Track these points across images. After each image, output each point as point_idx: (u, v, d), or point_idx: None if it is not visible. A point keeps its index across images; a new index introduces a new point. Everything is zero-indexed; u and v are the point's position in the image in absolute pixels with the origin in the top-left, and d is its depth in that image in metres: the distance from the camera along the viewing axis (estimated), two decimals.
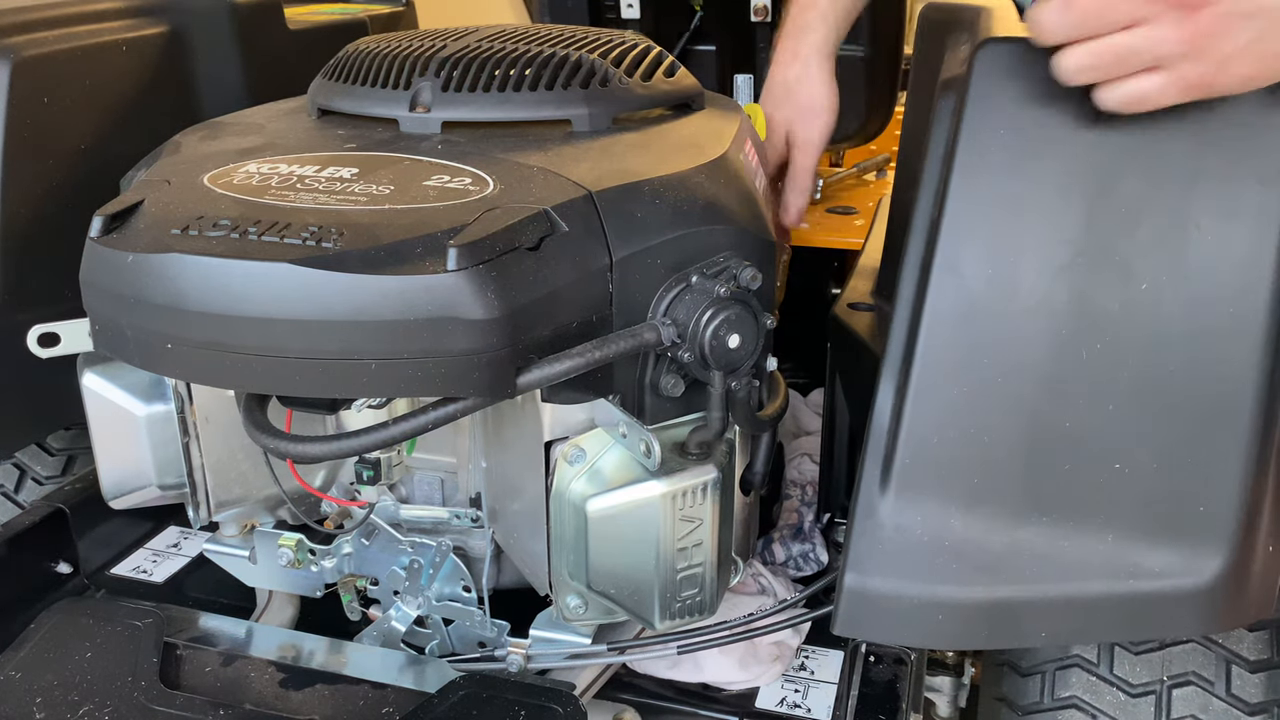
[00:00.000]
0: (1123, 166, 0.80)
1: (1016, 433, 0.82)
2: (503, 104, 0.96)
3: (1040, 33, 0.73)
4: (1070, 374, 0.81)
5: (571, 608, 0.97)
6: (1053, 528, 0.83)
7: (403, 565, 1.07)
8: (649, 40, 1.08)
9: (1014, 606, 0.84)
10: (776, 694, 1.05)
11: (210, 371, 0.79)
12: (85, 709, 0.90)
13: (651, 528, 0.90)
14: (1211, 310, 0.80)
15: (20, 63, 1.11)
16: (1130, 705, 1.05)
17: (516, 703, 0.90)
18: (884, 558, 0.84)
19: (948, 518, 0.83)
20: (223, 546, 1.14)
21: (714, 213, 0.89)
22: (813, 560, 1.21)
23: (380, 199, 0.82)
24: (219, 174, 0.88)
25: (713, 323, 0.85)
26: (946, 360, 0.82)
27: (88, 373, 1.03)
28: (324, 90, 1.05)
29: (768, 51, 1.94)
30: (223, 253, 0.75)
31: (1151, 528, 0.83)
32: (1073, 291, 0.80)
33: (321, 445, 0.83)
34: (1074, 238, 0.80)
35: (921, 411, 0.83)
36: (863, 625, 0.86)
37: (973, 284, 0.81)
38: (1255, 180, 0.79)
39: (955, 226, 0.81)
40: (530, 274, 0.78)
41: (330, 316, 0.74)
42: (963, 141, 0.81)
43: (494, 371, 0.77)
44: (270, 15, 1.48)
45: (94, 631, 0.99)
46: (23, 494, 1.44)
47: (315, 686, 0.95)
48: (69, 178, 1.18)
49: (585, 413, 0.94)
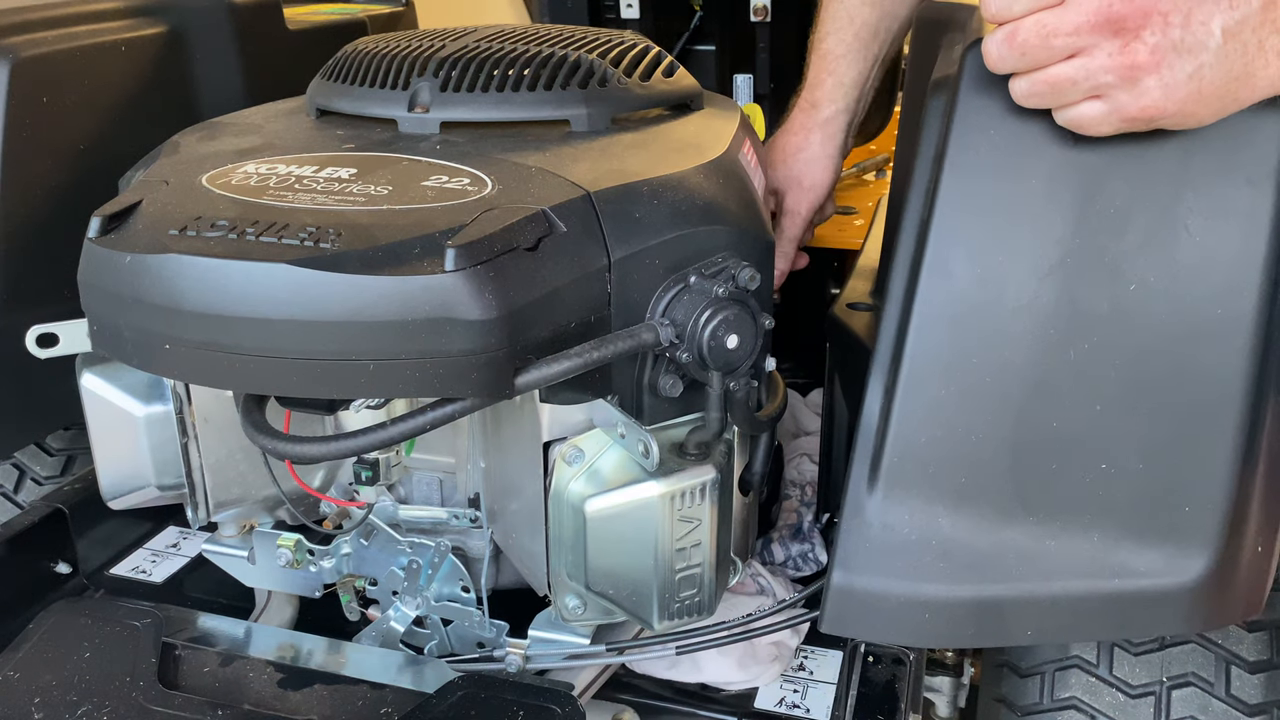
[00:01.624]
0: (1112, 168, 0.80)
1: (1004, 432, 0.82)
2: (501, 104, 0.96)
3: (988, 64, 0.76)
4: (1058, 374, 0.81)
5: (570, 608, 0.97)
6: (1039, 527, 0.83)
7: (401, 565, 1.07)
8: (648, 40, 1.08)
9: (1000, 605, 0.84)
10: (775, 694, 1.05)
11: (208, 372, 0.79)
12: (84, 709, 0.90)
13: (650, 528, 0.90)
14: (1200, 311, 0.80)
15: (20, 63, 1.11)
16: (1130, 706, 1.05)
17: (515, 703, 0.90)
18: (871, 556, 0.84)
19: (935, 516, 0.83)
20: (221, 547, 1.14)
21: (712, 213, 0.89)
22: (811, 560, 1.21)
23: (378, 199, 0.82)
24: (217, 174, 0.88)
25: (711, 323, 0.85)
26: (935, 360, 0.82)
27: (86, 373, 1.03)
28: (323, 90, 1.05)
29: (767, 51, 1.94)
30: (221, 253, 0.75)
31: (1138, 527, 0.83)
32: (1061, 292, 0.80)
33: (320, 446, 0.83)
34: (1063, 238, 0.80)
35: (909, 411, 0.83)
36: (850, 623, 0.87)
37: (962, 284, 0.81)
38: (1244, 181, 0.79)
39: (945, 226, 0.81)
40: (528, 274, 0.78)
41: (328, 317, 0.74)
42: (953, 142, 0.81)
43: (492, 372, 0.77)
44: (269, 15, 1.48)
45: (93, 631, 0.99)
46: (22, 494, 1.44)
47: (314, 687, 0.95)
48: (68, 178, 1.18)
49: (584, 413, 0.94)
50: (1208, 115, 0.74)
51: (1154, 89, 0.71)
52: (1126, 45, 0.70)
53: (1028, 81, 0.75)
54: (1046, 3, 0.71)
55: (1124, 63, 0.70)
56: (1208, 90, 0.72)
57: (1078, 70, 0.72)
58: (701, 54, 1.95)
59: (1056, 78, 0.73)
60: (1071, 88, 0.73)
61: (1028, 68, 0.74)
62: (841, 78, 1.27)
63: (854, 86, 1.27)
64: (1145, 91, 0.71)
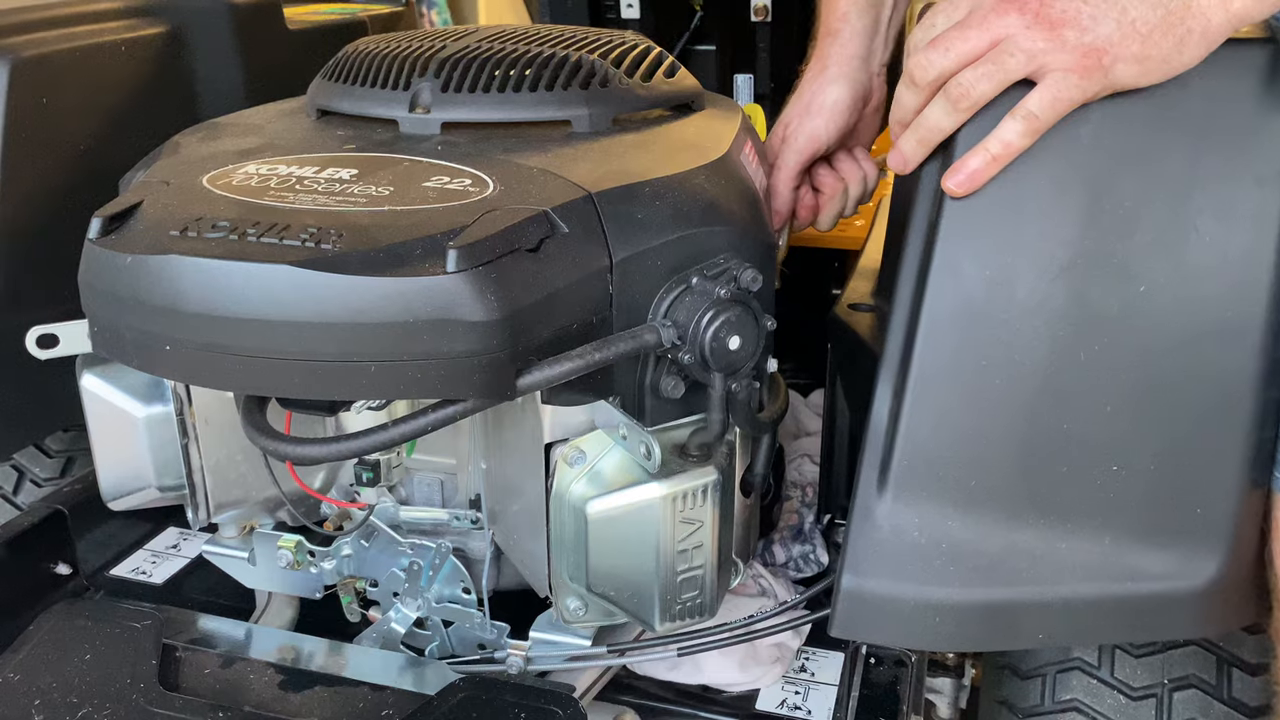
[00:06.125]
0: (1120, 168, 0.80)
1: (1014, 434, 0.82)
2: (503, 105, 0.95)
3: (917, 80, 0.81)
4: (1068, 376, 0.81)
5: (571, 610, 0.97)
6: (1050, 529, 0.83)
7: (402, 567, 1.07)
8: (649, 40, 1.08)
9: (1011, 608, 0.84)
10: (777, 696, 1.05)
11: (209, 373, 0.79)
12: (84, 711, 0.90)
13: (652, 530, 0.89)
14: (1210, 312, 0.80)
15: (20, 63, 1.11)
16: (1131, 708, 1.05)
17: (516, 705, 0.90)
18: (881, 559, 0.84)
19: (945, 519, 0.83)
20: (222, 548, 1.13)
21: (714, 214, 0.89)
22: (813, 562, 1.21)
23: (380, 200, 0.81)
24: (218, 175, 0.88)
25: (713, 324, 0.85)
26: (944, 362, 0.82)
27: (87, 374, 1.03)
28: (323, 91, 1.04)
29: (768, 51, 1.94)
30: (222, 254, 0.75)
31: (1149, 530, 0.83)
32: (1071, 293, 0.80)
33: (321, 447, 0.82)
34: (1072, 239, 0.80)
35: (919, 413, 0.83)
36: (860, 627, 0.86)
37: (971, 285, 0.81)
38: (1253, 181, 0.79)
39: (953, 227, 0.81)
40: (530, 276, 0.78)
41: (329, 318, 0.74)
42: (961, 142, 0.81)
43: (494, 373, 0.77)
44: (270, 15, 1.48)
45: (93, 633, 0.99)
46: (21, 495, 1.44)
47: (314, 688, 0.95)
48: (68, 178, 1.18)
49: (585, 414, 0.93)
50: (1166, 53, 0.75)
51: (1089, 42, 0.74)
52: (1038, 14, 0.75)
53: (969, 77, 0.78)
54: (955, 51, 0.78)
55: (1045, 28, 0.75)
56: (1144, 27, 0.74)
57: (1004, 51, 0.76)
58: (702, 54, 1.95)
59: (986, 66, 0.77)
60: (1006, 66, 0.76)
61: (957, 66, 0.78)
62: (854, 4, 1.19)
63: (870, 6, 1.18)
64: (1079, 47, 0.75)
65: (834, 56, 1.16)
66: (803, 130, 1.16)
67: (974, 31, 0.77)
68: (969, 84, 0.78)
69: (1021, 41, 0.75)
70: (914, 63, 0.80)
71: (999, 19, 0.76)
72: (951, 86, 0.79)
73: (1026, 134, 0.77)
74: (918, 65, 0.80)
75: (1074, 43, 0.74)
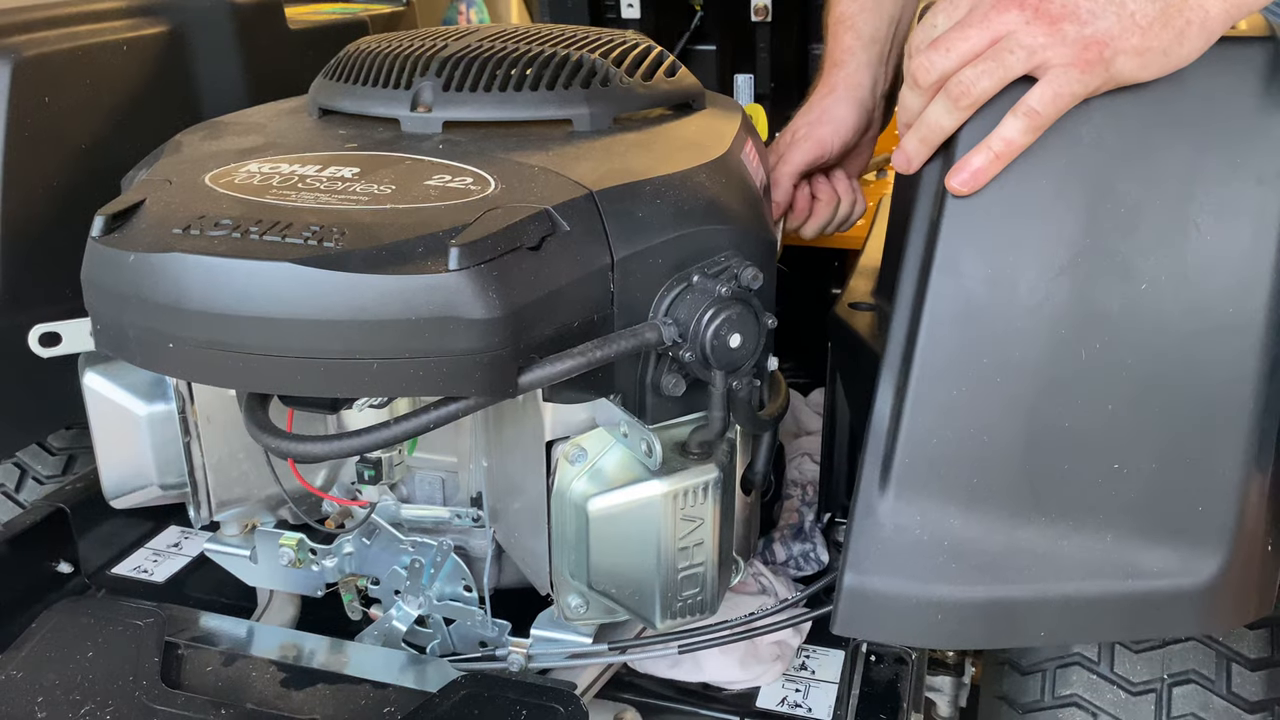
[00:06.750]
0: (1122, 166, 0.80)
1: (1016, 432, 0.82)
2: (504, 104, 0.96)
3: (920, 82, 0.81)
4: (1070, 374, 0.81)
5: (572, 607, 0.97)
6: (1052, 527, 0.83)
7: (404, 565, 1.07)
8: (649, 40, 1.08)
9: (1013, 606, 0.84)
10: (777, 693, 1.05)
11: (212, 371, 0.79)
12: (86, 709, 0.90)
13: (653, 527, 0.90)
14: (1211, 310, 0.80)
15: (20, 63, 1.11)
16: (1130, 703, 1.05)
17: (518, 702, 0.90)
18: (883, 557, 0.84)
19: (947, 517, 0.83)
20: (224, 546, 1.14)
21: (715, 212, 0.89)
22: (813, 560, 1.21)
23: (381, 198, 0.82)
24: (220, 173, 0.88)
25: (714, 322, 0.85)
26: (946, 360, 0.82)
27: (89, 372, 1.03)
28: (325, 90, 1.05)
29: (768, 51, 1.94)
30: (224, 252, 0.75)
31: (1150, 527, 0.83)
32: (1072, 292, 0.80)
33: (323, 445, 0.83)
34: (1073, 238, 0.80)
35: (921, 411, 0.83)
36: (862, 625, 0.86)
37: (972, 284, 0.81)
38: (1254, 180, 0.79)
39: (955, 226, 0.81)
40: (532, 273, 0.78)
41: (332, 316, 0.74)
42: (962, 141, 0.81)
43: (495, 371, 0.77)
44: (271, 15, 1.48)
45: (95, 631, 0.99)
46: (23, 493, 1.44)
47: (316, 686, 0.95)
48: (70, 177, 1.18)
49: (586, 412, 0.94)
50: (1165, 45, 0.76)
51: (1088, 35, 0.74)
52: (1037, 10, 0.75)
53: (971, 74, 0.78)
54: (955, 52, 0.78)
55: (1044, 24, 0.75)
56: (1143, 19, 0.74)
57: (1003, 49, 0.76)
58: (702, 54, 1.95)
59: (987, 63, 0.77)
60: (1005, 64, 0.76)
61: (956, 66, 0.78)
62: (860, 30, 1.24)
63: (874, 41, 1.24)
64: (1079, 41, 0.75)
65: (842, 83, 1.24)
66: (812, 135, 1.23)
67: (974, 30, 0.77)
68: (969, 82, 0.78)
69: (1021, 38, 0.76)
70: (916, 64, 0.80)
71: (998, 16, 0.76)
72: (952, 85, 0.79)
73: (1029, 130, 0.77)
74: (920, 67, 0.80)
75: (1074, 37, 0.74)
